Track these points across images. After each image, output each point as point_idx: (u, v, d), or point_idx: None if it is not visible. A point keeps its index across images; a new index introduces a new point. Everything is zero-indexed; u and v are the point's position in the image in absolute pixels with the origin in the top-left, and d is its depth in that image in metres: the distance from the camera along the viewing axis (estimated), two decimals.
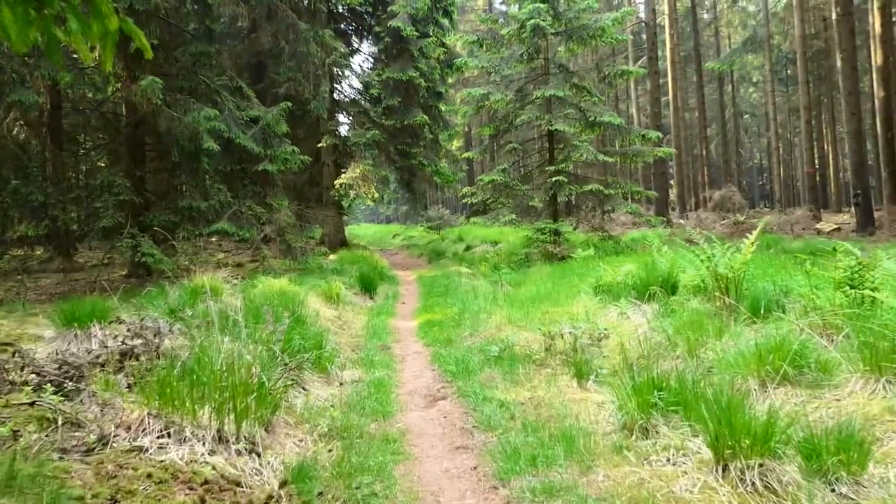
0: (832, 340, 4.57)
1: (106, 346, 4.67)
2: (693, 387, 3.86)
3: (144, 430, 3.28)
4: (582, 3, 12.85)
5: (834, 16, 29.55)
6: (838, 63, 30.82)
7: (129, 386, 3.95)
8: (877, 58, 15.87)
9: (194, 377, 3.80)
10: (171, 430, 3.29)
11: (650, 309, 6.67)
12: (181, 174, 11.71)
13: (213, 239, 17.45)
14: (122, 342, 4.60)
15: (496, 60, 13.63)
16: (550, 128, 12.70)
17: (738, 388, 4.23)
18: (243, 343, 4.76)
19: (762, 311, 5.67)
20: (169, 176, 11.93)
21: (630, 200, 19.03)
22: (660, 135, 13.71)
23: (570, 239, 13.65)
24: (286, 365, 4.61)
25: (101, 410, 3.44)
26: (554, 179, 12.48)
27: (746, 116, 53.95)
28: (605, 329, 5.78)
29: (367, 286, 10.84)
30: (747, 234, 16.23)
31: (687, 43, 37.04)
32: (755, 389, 4.27)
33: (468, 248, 19.56)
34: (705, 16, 38.84)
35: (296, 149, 12.56)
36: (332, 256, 16.41)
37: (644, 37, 37.40)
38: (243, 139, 11.67)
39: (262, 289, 9.36)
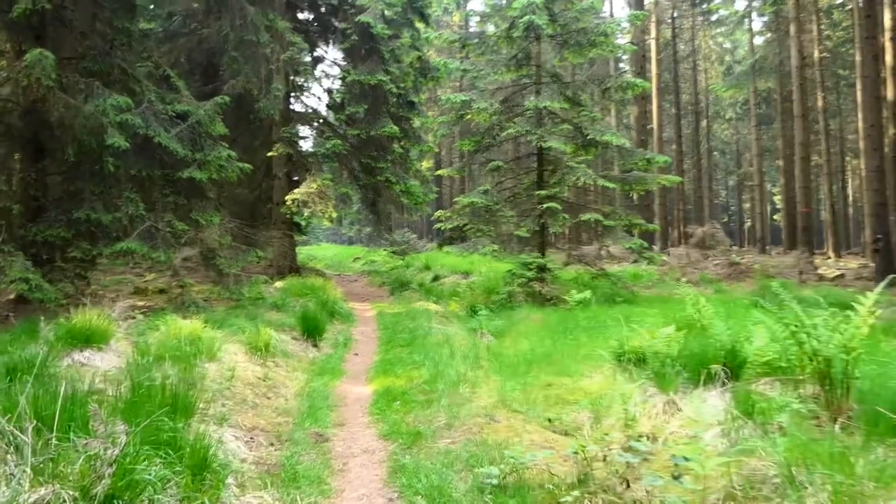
0: None
1: None
2: None
3: None
4: (584, 3, 10.99)
5: (816, 54, 28.86)
6: (819, 101, 30.13)
7: None
8: (888, 92, 14.52)
9: None
10: None
11: (714, 399, 4.57)
12: (79, 178, 9.23)
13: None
14: None
15: (480, 64, 11.63)
16: (543, 144, 10.69)
17: None
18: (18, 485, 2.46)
19: None
20: (64, 180, 9.43)
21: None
22: (668, 159, 11.87)
23: (560, 276, 11.59)
24: None
25: None
26: (545, 206, 10.43)
27: (715, 153, 53.61)
28: (686, 454, 3.62)
29: (312, 329, 8.50)
30: (747, 278, 13.19)
31: (664, 74, 36.11)
32: None
33: (436, 278, 17.35)
34: (681, 47, 38.07)
35: (232, 153, 10.22)
36: (277, 284, 13.97)
37: (622, 66, 36.38)
38: (164, 138, 9.29)
39: (166, 333, 6.99)
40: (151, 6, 16.24)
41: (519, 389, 5.49)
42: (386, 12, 14.63)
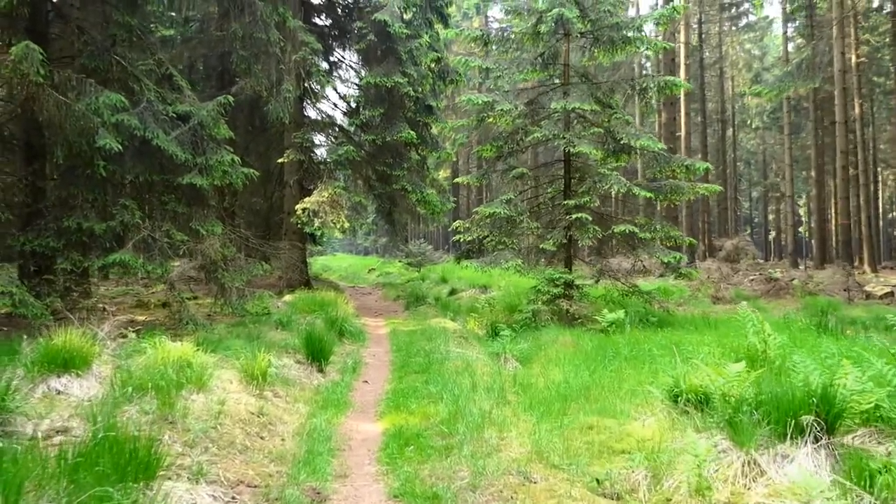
0: None
1: None
2: None
3: None
4: None
5: (853, 59, 27.64)
6: (856, 109, 28.85)
7: None
8: None
9: None
10: None
11: (805, 459, 3.65)
12: (72, 183, 8.56)
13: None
14: None
15: (504, 63, 10.81)
16: (572, 149, 9.82)
17: None
18: None
19: None
20: (56, 185, 8.77)
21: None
22: (708, 166, 10.93)
23: (589, 293, 10.67)
24: None
25: None
26: (574, 217, 9.54)
27: (739, 164, 52.21)
28: None
29: (317, 352, 7.67)
30: (787, 295, 12.01)
31: (689, 81, 35.07)
32: None
33: (453, 291, 16.52)
34: (707, 53, 37.02)
35: (236, 158, 9.49)
36: (286, 298, 13.22)
37: (643, 73, 35.38)
38: (163, 140, 8.58)
39: (153, 357, 6.22)
40: (171, 12, 15.79)
41: (556, 434, 4.61)
42: (405, 16, 13.93)
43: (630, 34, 10.08)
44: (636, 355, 6.60)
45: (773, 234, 56.59)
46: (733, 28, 37.46)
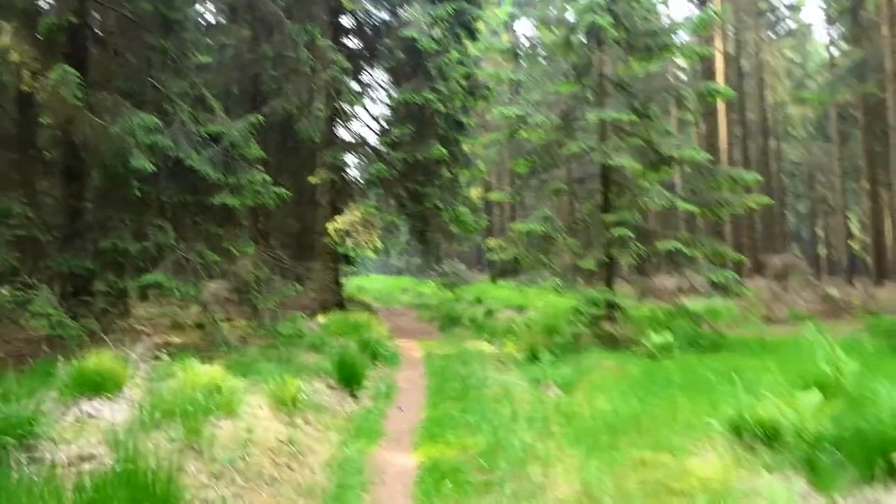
0: None
1: None
2: None
3: None
4: (646, 2, 9.72)
5: None
6: None
7: None
8: None
9: None
10: None
11: None
12: (108, 205, 8.56)
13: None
14: None
15: (537, 73, 10.52)
16: (609, 162, 9.42)
17: None
18: None
19: None
20: (93, 207, 8.79)
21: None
22: (758, 177, 10.38)
23: (632, 314, 10.17)
24: None
25: None
26: (616, 234, 9.11)
27: (783, 176, 50.41)
28: None
29: (349, 377, 7.40)
30: (846, 315, 11.13)
31: None
32: None
33: (488, 312, 16.11)
34: (744, 62, 36.01)
35: (268, 178, 9.39)
36: (319, 319, 13.03)
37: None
38: (195, 160, 8.53)
39: (184, 381, 6.03)
40: (207, 39, 16.01)
41: (606, 471, 4.21)
42: (432, 32, 13.80)
43: (665, 40, 9.68)
44: (690, 382, 6.12)
45: (822, 249, 54.42)
46: (771, 35, 36.45)
